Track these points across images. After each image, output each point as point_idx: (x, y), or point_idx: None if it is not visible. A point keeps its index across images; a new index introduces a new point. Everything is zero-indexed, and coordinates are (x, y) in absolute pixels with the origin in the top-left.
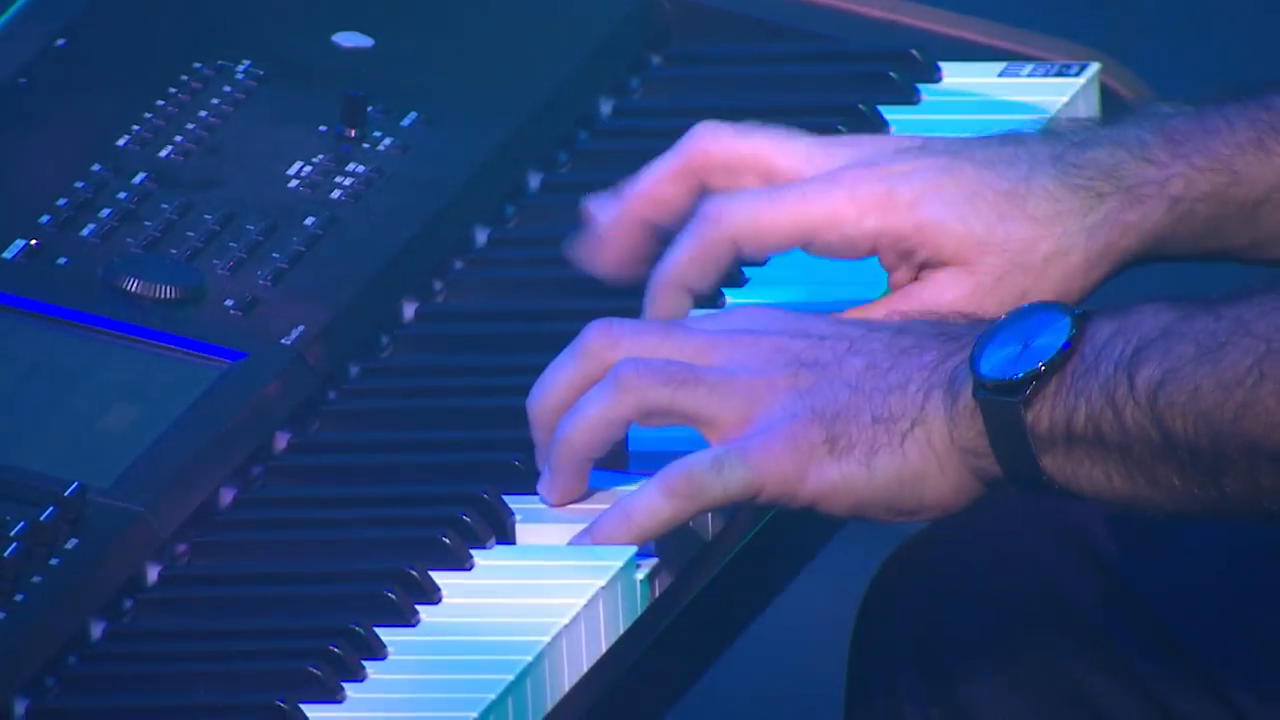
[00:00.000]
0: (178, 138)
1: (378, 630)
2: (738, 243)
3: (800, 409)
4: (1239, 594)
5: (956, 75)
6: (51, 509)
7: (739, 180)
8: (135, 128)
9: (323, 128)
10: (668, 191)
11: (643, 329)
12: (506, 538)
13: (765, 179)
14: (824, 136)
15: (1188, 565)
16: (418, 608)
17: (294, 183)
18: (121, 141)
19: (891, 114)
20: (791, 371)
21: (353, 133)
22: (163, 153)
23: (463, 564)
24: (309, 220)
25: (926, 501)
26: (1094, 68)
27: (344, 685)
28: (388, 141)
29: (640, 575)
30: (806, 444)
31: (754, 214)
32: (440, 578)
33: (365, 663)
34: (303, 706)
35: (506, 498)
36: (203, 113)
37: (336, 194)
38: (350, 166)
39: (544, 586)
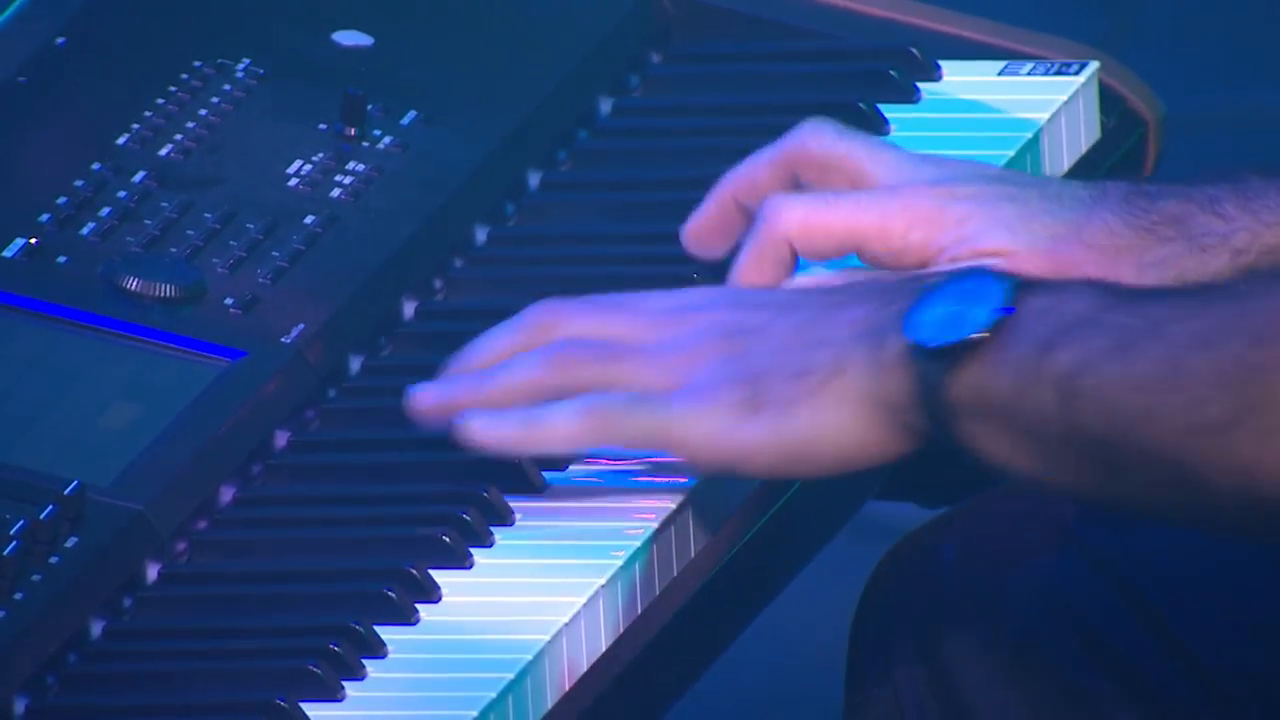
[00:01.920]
0: (178, 136)
1: (378, 629)
2: (792, 242)
3: (724, 374)
4: (1240, 590)
5: (956, 74)
6: (51, 507)
7: (829, 179)
8: (135, 126)
9: (323, 126)
10: (761, 177)
11: (585, 307)
12: (507, 537)
13: (854, 182)
14: (917, 152)
15: (1189, 561)
16: (418, 606)
17: (294, 181)
18: (121, 140)
19: (892, 112)
20: (723, 340)
21: (352, 131)
22: (163, 151)
23: (463, 563)
24: (309, 219)
25: (845, 453)
26: (1093, 66)
27: (344, 684)
28: (387, 140)
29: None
30: (726, 406)
31: (807, 216)
32: (440, 576)
33: (365, 661)
34: (303, 705)
35: (507, 497)
36: (203, 111)
37: (336, 192)
38: (350, 165)
39: (544, 585)
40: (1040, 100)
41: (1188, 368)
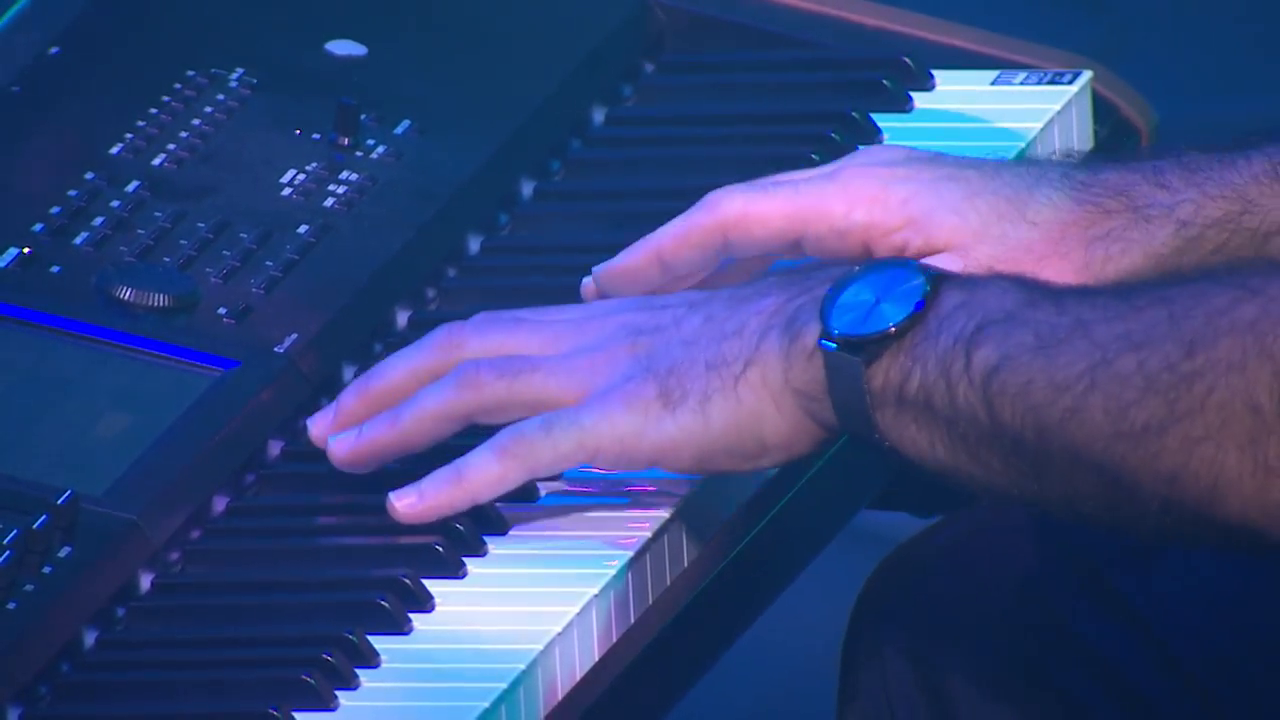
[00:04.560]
0: (171, 146)
1: (371, 638)
2: (726, 232)
3: (636, 371)
4: (1229, 601)
5: (949, 83)
6: (44, 517)
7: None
8: (128, 136)
9: (316, 136)
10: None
11: (488, 325)
12: (500, 546)
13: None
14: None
15: (1177, 571)
16: (411, 616)
17: (287, 191)
18: (115, 150)
19: (884, 121)
20: (630, 341)
21: (346, 141)
22: (156, 161)
23: (456, 572)
24: (302, 228)
25: (767, 443)
26: (1086, 76)
27: (337, 693)
28: (381, 149)
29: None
30: (640, 402)
31: (746, 204)
32: (433, 586)
33: (358, 671)
34: (296, 714)
35: (501, 505)
36: (196, 121)
37: (330, 202)
38: (343, 175)
39: (537, 595)
40: (1033, 110)
41: (1114, 370)
